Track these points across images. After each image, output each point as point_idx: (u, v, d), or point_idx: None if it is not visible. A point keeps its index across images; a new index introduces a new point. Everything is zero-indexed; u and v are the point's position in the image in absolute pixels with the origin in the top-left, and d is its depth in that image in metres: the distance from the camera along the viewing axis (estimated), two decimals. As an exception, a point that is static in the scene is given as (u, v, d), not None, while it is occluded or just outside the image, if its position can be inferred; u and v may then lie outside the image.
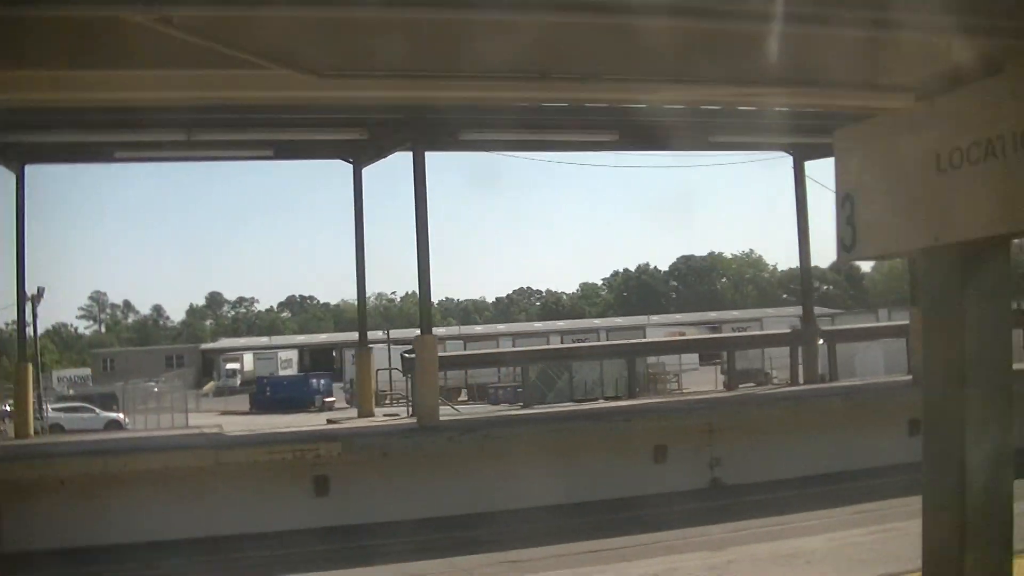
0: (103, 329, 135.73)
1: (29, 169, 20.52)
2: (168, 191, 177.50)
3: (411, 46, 6.84)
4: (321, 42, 6.98)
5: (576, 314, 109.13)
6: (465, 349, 53.11)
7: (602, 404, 28.70)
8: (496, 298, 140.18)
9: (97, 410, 42.31)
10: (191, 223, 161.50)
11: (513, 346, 52.68)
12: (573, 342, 44.89)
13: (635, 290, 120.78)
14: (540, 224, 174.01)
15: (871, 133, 5.28)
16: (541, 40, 6.46)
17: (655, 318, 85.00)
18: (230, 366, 71.38)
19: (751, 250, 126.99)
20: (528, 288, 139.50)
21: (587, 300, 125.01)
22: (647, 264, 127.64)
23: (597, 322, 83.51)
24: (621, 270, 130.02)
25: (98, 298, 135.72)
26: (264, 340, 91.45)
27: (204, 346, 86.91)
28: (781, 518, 14.40)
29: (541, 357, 34.81)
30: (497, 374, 44.90)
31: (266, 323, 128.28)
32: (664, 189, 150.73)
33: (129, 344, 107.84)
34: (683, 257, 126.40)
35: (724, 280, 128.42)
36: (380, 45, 7.02)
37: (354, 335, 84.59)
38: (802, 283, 28.92)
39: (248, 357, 63.80)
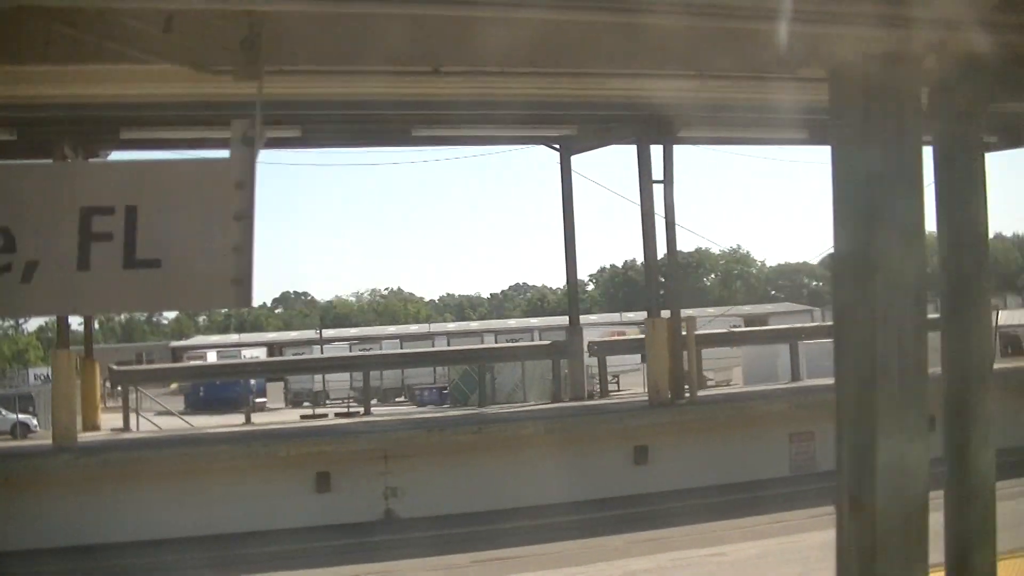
0: (96, 325, 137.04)
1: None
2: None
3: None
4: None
5: (562, 311, 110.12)
6: (401, 348, 54.03)
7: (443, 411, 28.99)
8: (491, 294, 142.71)
9: (3, 411, 40.82)
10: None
11: (448, 345, 53.66)
12: (507, 342, 45.87)
13: (621, 286, 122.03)
14: (536, 217, 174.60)
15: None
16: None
17: (603, 316, 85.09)
18: (193, 364, 70.70)
19: (738, 246, 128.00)
20: (524, 284, 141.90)
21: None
22: (633, 260, 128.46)
23: (534, 321, 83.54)
24: (608, 266, 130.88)
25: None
26: (235, 338, 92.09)
27: (173, 343, 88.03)
28: (433, 559, 13.99)
29: (433, 360, 35.68)
30: (433, 375, 45.05)
31: (253, 319, 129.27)
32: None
33: (114, 341, 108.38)
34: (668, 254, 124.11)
35: (713, 276, 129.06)
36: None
37: (326, 332, 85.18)
38: (569, 292, 28.17)
39: (212, 355, 65.02)
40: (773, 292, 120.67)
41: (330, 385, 46.94)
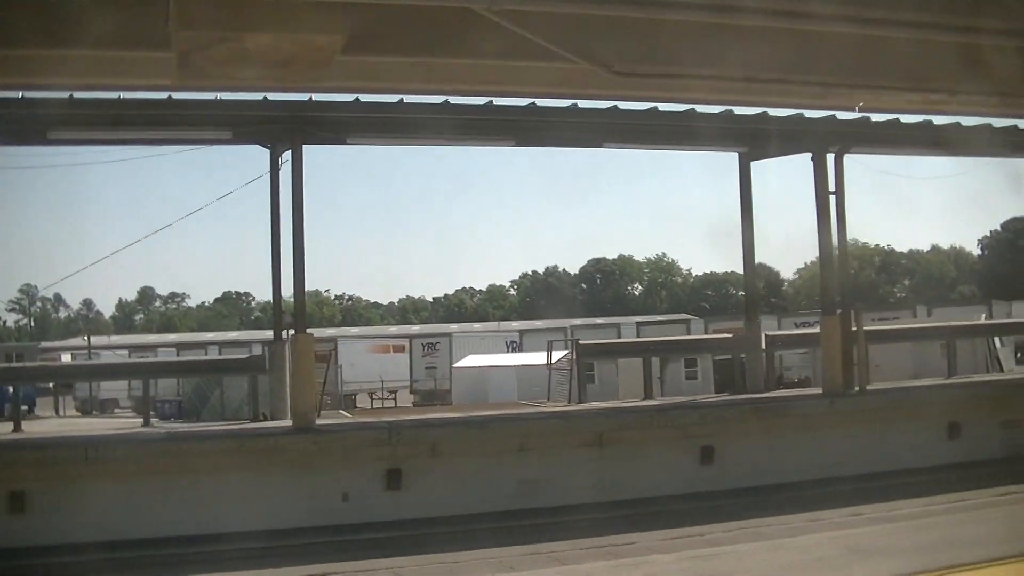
0: (32, 323, 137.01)
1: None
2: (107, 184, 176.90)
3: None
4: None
5: (479, 317, 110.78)
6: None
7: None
8: (433, 298, 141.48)
9: None
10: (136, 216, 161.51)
11: (220, 354, 50.80)
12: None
13: (542, 293, 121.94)
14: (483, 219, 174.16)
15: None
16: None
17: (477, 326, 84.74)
18: (44, 367, 67.92)
19: (663, 253, 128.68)
20: (470, 288, 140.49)
21: (492, 302, 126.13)
22: (555, 266, 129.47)
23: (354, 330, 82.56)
24: (530, 272, 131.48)
25: (28, 291, 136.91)
26: (104, 339, 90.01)
27: (45, 344, 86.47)
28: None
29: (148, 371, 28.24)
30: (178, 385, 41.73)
31: (166, 319, 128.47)
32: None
33: (27, 339, 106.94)
34: (593, 260, 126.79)
35: (637, 285, 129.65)
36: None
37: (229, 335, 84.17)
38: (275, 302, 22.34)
39: (67, 357, 64.00)
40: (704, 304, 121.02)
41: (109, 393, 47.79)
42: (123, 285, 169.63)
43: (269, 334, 21.96)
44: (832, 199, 20.67)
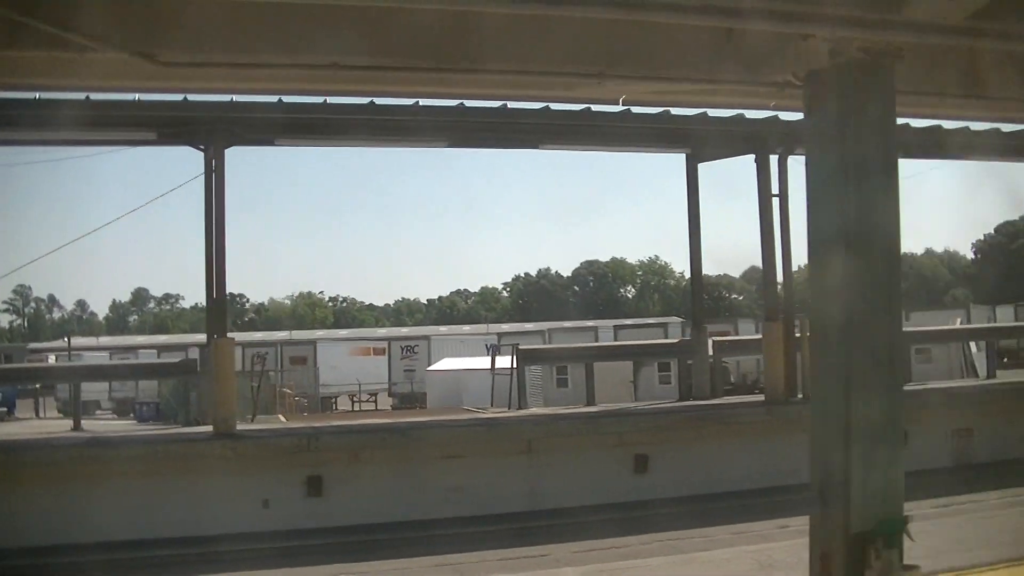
0: (26, 324, 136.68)
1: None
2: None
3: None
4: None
5: (471, 319, 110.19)
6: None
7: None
8: (427, 300, 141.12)
9: None
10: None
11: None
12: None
13: (534, 295, 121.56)
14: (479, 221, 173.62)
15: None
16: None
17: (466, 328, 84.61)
18: (31, 368, 67.75)
19: (656, 256, 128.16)
20: (465, 290, 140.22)
21: (485, 305, 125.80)
22: (548, 268, 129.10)
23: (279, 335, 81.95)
24: (522, 274, 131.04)
25: (22, 292, 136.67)
26: (94, 340, 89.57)
27: (33, 345, 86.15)
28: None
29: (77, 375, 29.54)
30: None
31: (159, 321, 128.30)
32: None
33: (19, 340, 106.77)
34: (586, 262, 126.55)
35: (630, 288, 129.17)
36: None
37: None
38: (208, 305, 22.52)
39: (53, 359, 63.91)
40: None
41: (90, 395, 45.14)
42: (117, 286, 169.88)
43: (259, 335, 21.57)
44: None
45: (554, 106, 18.18)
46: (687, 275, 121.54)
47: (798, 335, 20.19)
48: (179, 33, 8.84)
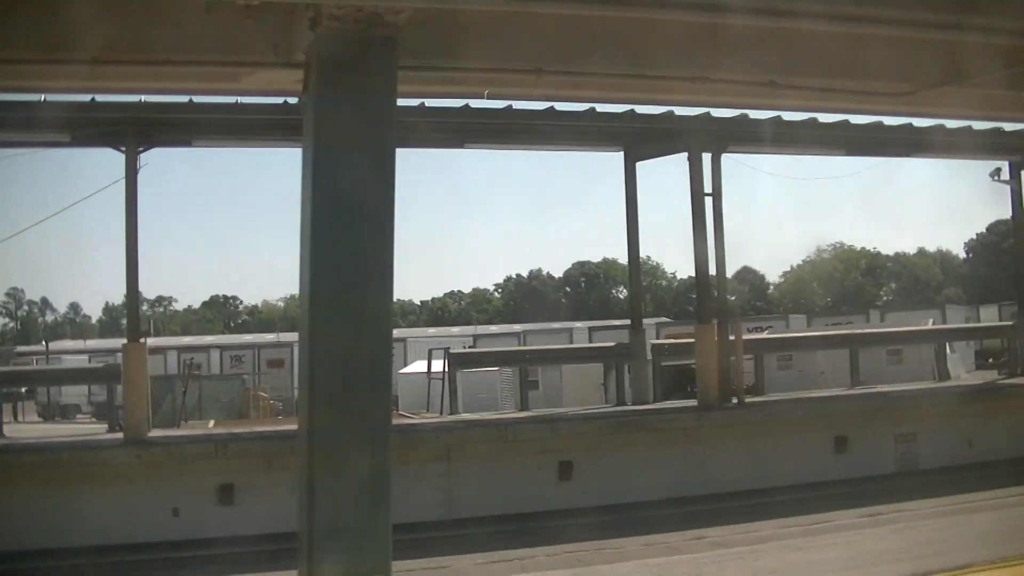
0: (19, 326, 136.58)
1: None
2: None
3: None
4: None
5: (463, 321, 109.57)
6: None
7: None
8: (420, 301, 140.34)
9: None
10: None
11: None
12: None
13: (525, 297, 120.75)
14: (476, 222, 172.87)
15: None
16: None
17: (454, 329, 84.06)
18: (17, 371, 67.66)
19: (647, 256, 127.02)
20: (459, 291, 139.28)
21: (476, 306, 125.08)
22: (539, 269, 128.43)
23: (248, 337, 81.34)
24: (514, 275, 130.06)
25: (15, 294, 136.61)
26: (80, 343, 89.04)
27: (21, 348, 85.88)
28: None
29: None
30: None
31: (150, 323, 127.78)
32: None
33: (10, 343, 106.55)
34: (578, 263, 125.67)
35: (622, 288, 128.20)
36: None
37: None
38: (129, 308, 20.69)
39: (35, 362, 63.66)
40: (689, 308, 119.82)
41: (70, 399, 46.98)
42: (110, 288, 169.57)
43: (248, 338, 21.24)
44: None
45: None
46: (679, 275, 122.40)
47: (732, 338, 19.82)
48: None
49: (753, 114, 18.97)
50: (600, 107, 18.73)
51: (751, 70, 10.54)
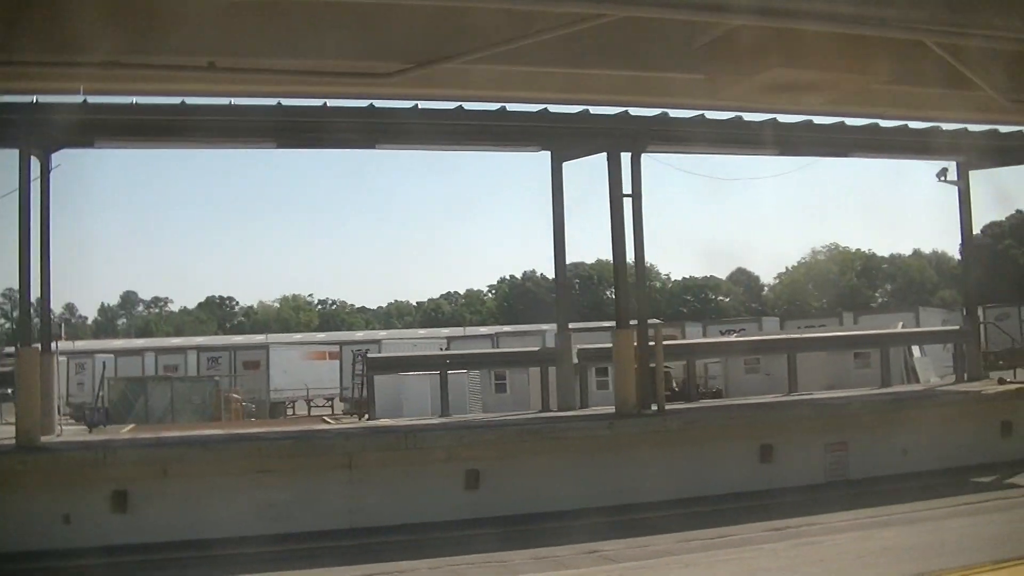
0: (13, 327, 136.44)
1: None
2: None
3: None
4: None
5: (456, 322, 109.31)
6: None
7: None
8: (417, 303, 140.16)
9: None
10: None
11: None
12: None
13: (519, 298, 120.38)
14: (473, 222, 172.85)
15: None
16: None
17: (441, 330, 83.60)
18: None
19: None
20: (455, 293, 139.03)
21: (470, 307, 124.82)
22: (533, 271, 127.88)
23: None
24: (508, 276, 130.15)
25: (10, 296, 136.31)
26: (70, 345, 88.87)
27: (8, 349, 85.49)
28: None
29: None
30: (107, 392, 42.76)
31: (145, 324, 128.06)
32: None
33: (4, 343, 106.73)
34: (572, 264, 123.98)
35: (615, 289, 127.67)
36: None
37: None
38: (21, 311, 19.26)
39: None
40: (683, 310, 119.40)
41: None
42: (106, 289, 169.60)
43: (239, 339, 20.98)
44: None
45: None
46: (673, 277, 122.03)
47: (652, 343, 19.32)
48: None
49: (674, 112, 18.64)
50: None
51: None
